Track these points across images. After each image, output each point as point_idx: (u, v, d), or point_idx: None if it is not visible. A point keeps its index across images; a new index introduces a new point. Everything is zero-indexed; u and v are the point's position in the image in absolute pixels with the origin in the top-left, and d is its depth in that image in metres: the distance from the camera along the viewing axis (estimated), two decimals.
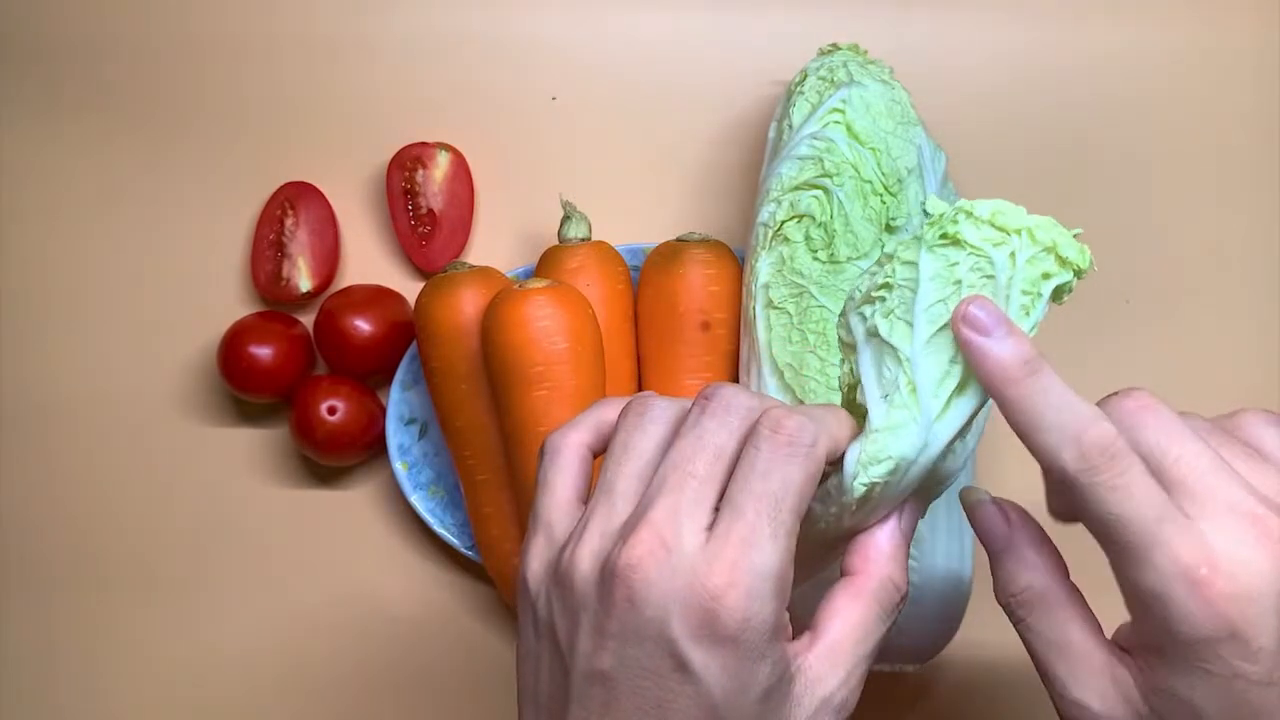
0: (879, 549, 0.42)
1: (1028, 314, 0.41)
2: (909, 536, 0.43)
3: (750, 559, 0.38)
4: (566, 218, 0.68)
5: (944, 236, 0.42)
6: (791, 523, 0.39)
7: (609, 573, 0.38)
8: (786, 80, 0.66)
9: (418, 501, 0.67)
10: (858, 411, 0.43)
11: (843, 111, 0.61)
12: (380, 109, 0.72)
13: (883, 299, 0.42)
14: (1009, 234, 0.42)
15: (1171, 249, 0.71)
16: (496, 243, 0.72)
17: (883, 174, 0.60)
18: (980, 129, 0.71)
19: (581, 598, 0.39)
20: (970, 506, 0.44)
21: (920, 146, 0.61)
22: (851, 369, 0.43)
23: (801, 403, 0.58)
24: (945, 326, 0.41)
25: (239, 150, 0.72)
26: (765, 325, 0.60)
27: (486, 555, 0.64)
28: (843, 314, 0.44)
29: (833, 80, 0.63)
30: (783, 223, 0.60)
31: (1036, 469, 0.40)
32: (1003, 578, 0.43)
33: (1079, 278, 0.42)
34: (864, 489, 0.41)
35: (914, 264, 0.42)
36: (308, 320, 0.70)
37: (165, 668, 0.69)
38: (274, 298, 0.70)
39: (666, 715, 0.38)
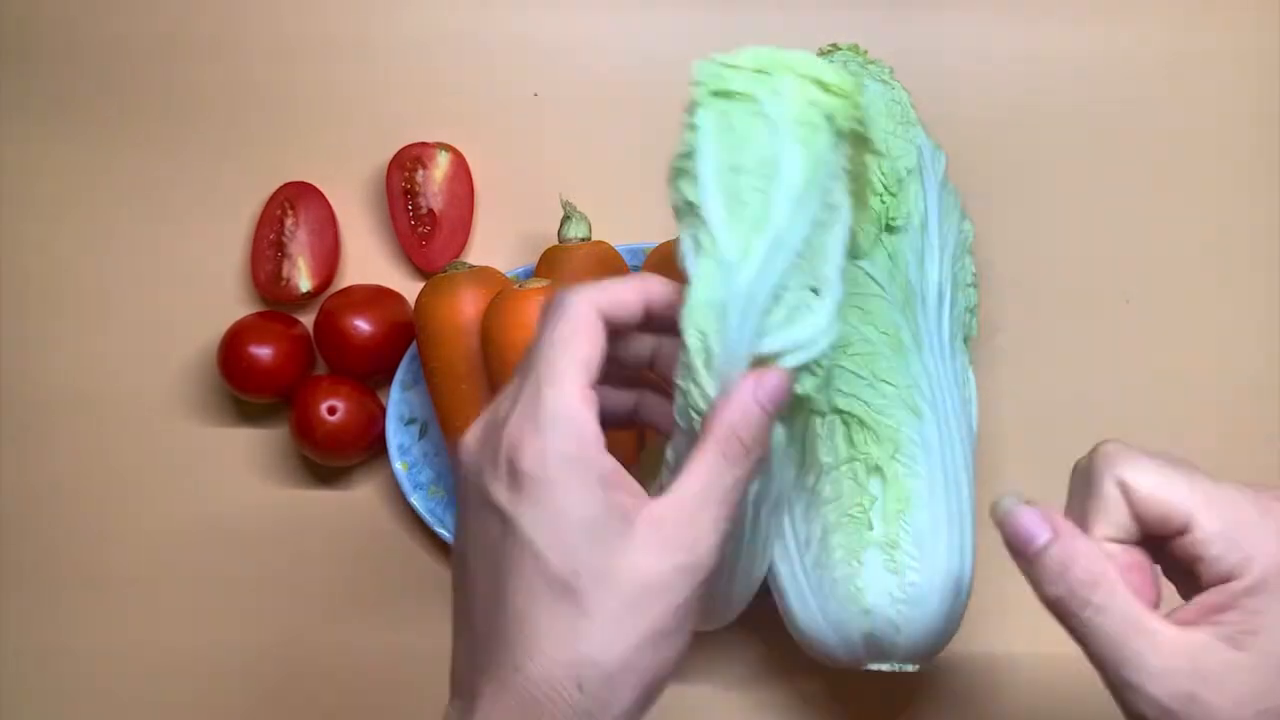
0: (725, 404, 0.43)
1: (806, 147, 0.44)
2: (770, 399, 0.43)
3: (537, 404, 0.41)
4: (566, 218, 0.68)
5: (714, 93, 0.44)
6: (572, 369, 0.41)
7: (456, 461, 0.43)
8: None
9: (418, 501, 0.67)
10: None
11: None
12: (380, 109, 0.72)
13: (683, 167, 0.45)
14: (771, 74, 0.44)
15: (1171, 249, 0.71)
16: (496, 243, 0.72)
17: (882, 174, 0.60)
18: (980, 129, 0.71)
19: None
20: (1004, 515, 0.44)
21: (920, 147, 0.61)
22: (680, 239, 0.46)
23: None
24: (734, 172, 0.43)
25: (239, 150, 0.72)
26: None
27: None
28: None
29: None
30: None
31: (1036, 471, 0.41)
32: (1054, 568, 0.42)
33: (852, 105, 0.45)
34: (693, 339, 0.43)
35: (696, 125, 0.44)
36: (308, 320, 0.70)
37: (165, 667, 0.69)
38: (274, 298, 0.70)
39: (502, 566, 0.40)
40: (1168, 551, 0.43)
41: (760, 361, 0.44)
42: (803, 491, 0.59)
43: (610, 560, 0.40)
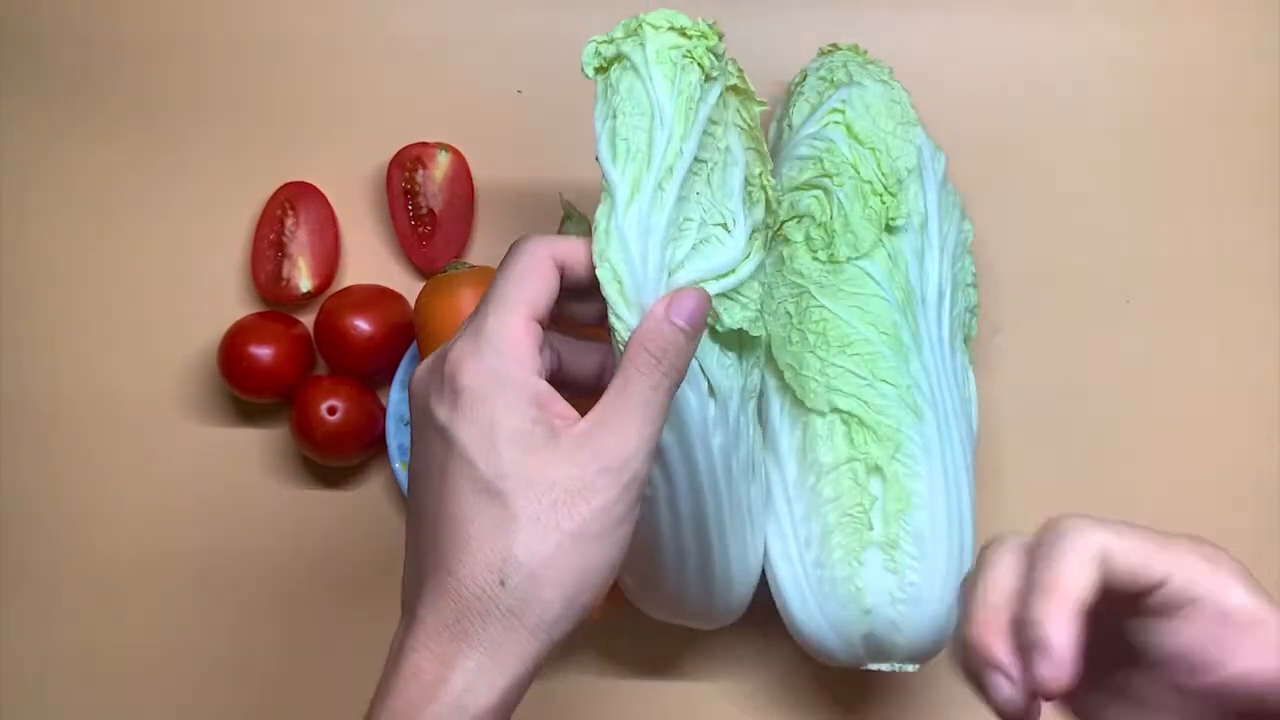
0: (641, 323, 0.46)
1: (681, 93, 0.49)
2: (683, 315, 0.46)
3: (480, 330, 0.44)
4: (566, 217, 0.68)
5: (597, 69, 0.50)
6: (518, 302, 0.45)
7: (411, 393, 0.46)
8: (786, 80, 0.66)
9: None
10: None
11: (842, 112, 0.61)
12: (380, 109, 0.72)
13: (596, 132, 0.50)
14: (636, 34, 0.50)
15: (1171, 249, 0.71)
16: (496, 243, 0.71)
17: (882, 174, 0.60)
18: (980, 129, 0.71)
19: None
20: (974, 641, 0.38)
21: (920, 146, 0.61)
22: None
23: (801, 404, 0.59)
24: (615, 118, 0.49)
25: (239, 150, 0.72)
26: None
27: None
28: None
29: (832, 80, 0.63)
30: (783, 223, 0.60)
31: (1036, 471, 0.41)
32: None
33: (709, 42, 0.51)
34: (604, 271, 0.47)
35: (595, 97, 0.50)
36: (308, 320, 0.70)
37: (165, 667, 0.69)
38: (274, 298, 0.70)
39: (441, 479, 0.43)
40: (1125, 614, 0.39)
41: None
42: (803, 491, 0.59)
43: (536, 466, 0.42)
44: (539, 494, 0.42)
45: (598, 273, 0.48)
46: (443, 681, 0.41)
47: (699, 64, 0.50)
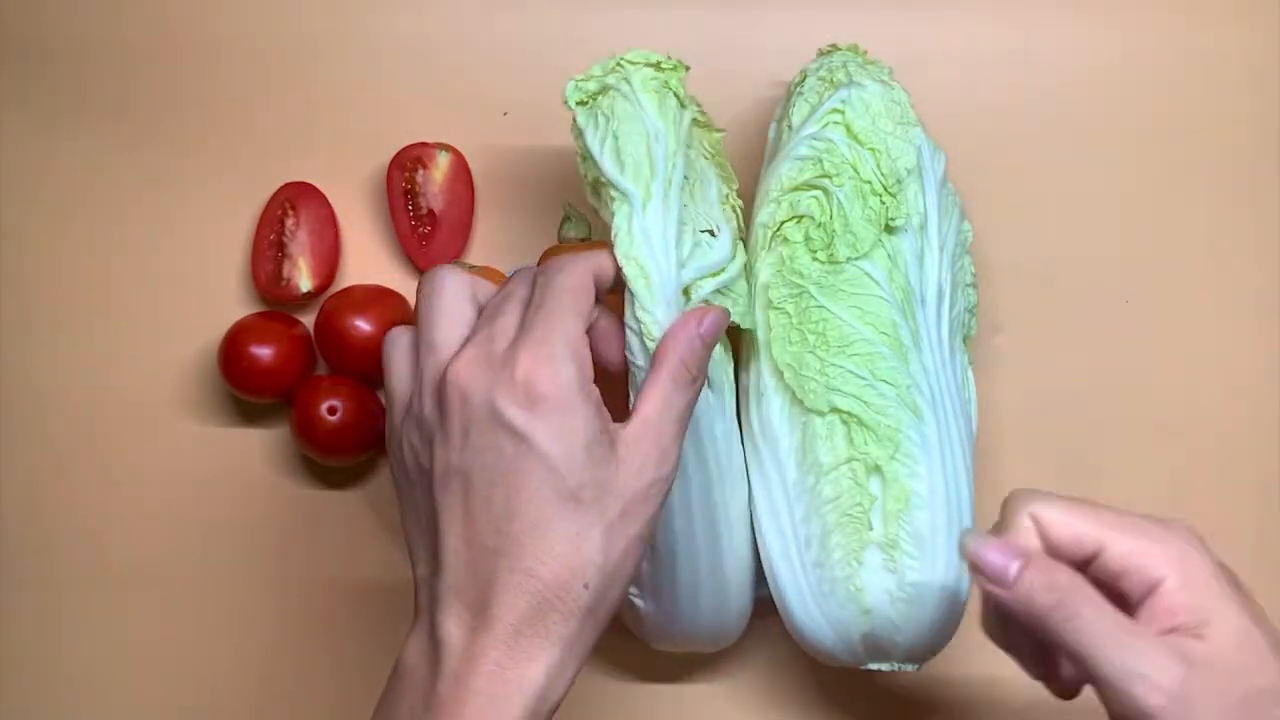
0: (672, 337, 0.50)
1: (669, 118, 0.56)
2: (710, 332, 0.50)
3: (551, 339, 0.46)
4: (566, 218, 0.68)
5: (579, 102, 0.56)
6: (578, 314, 0.47)
7: (440, 388, 0.47)
8: (786, 81, 0.66)
9: None
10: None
11: (842, 112, 0.61)
12: (380, 109, 0.72)
13: (582, 165, 0.56)
14: (618, 69, 0.57)
15: (1171, 249, 0.71)
16: (496, 243, 0.72)
17: (882, 174, 0.60)
18: (980, 129, 0.71)
19: (429, 424, 0.47)
20: (974, 552, 0.47)
21: (920, 147, 0.61)
22: None
23: (801, 404, 0.59)
24: (615, 139, 0.54)
25: (239, 150, 0.72)
26: (765, 325, 0.60)
27: None
28: None
29: (832, 81, 0.63)
30: (782, 223, 0.60)
31: (1035, 471, 0.41)
32: (1039, 585, 0.46)
33: (680, 75, 0.58)
34: (631, 268, 0.52)
35: (579, 129, 0.56)
36: (308, 320, 0.70)
37: (165, 667, 0.69)
38: (274, 298, 0.71)
39: (514, 480, 0.45)
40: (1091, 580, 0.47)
41: (686, 289, 0.54)
42: (803, 492, 0.59)
43: (606, 477, 0.46)
44: (612, 503, 0.46)
45: (625, 271, 0.52)
46: (525, 676, 0.45)
47: (674, 93, 0.57)
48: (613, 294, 0.53)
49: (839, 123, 0.61)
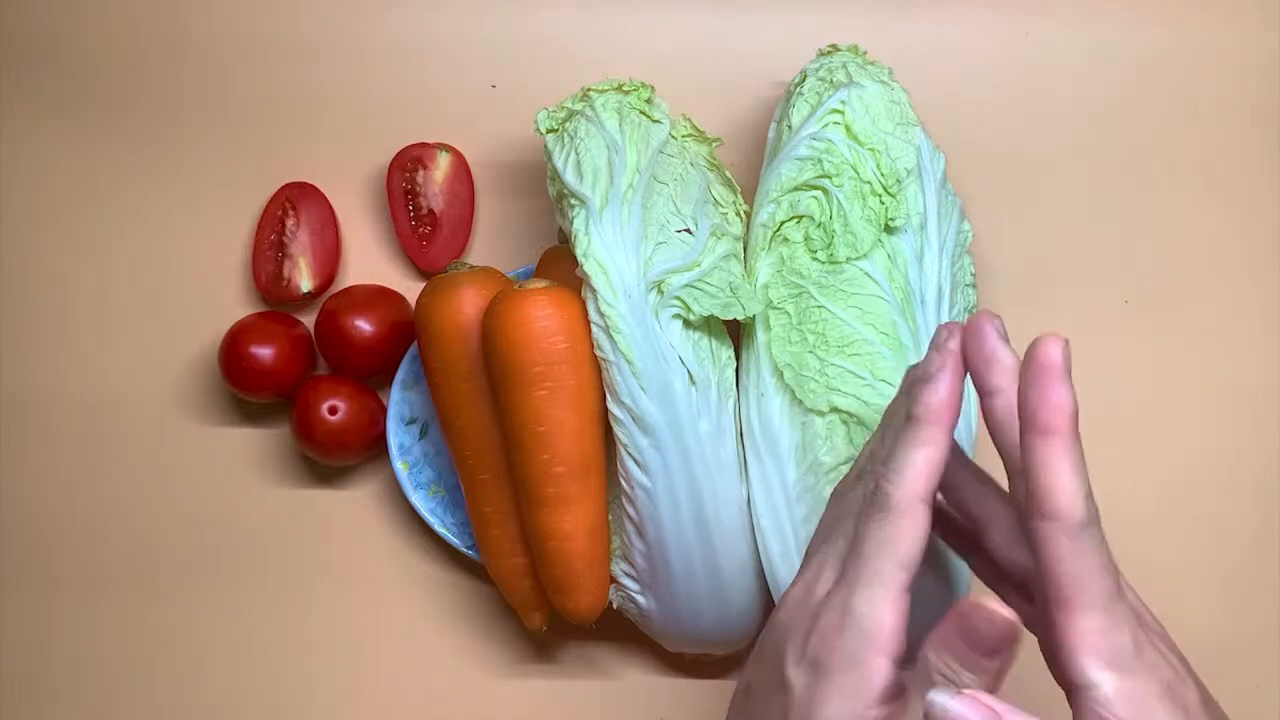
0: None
1: (640, 130, 0.61)
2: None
3: (849, 605, 0.42)
4: None
5: (549, 130, 0.62)
6: (891, 573, 0.42)
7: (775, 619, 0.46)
8: (786, 81, 0.66)
9: (418, 501, 0.67)
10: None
11: (842, 112, 0.61)
12: (380, 109, 0.72)
13: (551, 183, 0.62)
14: (585, 97, 0.62)
15: (1171, 249, 0.71)
16: (497, 243, 0.72)
17: (882, 174, 0.60)
18: (980, 129, 0.71)
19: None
20: (941, 714, 0.42)
21: (919, 147, 0.61)
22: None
23: (801, 404, 0.59)
24: (579, 155, 0.60)
25: (239, 150, 0.72)
26: (765, 325, 0.60)
27: (486, 555, 0.64)
28: None
29: (832, 81, 0.63)
30: (782, 223, 0.61)
31: None
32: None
33: (646, 95, 0.62)
34: (591, 267, 0.57)
35: (548, 151, 0.61)
36: (309, 320, 0.70)
37: (165, 667, 0.69)
38: (275, 298, 0.71)
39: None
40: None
41: (656, 286, 0.58)
42: (803, 492, 0.59)
43: None
44: None
45: (584, 269, 0.56)
46: None
47: (639, 110, 0.61)
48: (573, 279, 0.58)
49: (839, 123, 0.61)
